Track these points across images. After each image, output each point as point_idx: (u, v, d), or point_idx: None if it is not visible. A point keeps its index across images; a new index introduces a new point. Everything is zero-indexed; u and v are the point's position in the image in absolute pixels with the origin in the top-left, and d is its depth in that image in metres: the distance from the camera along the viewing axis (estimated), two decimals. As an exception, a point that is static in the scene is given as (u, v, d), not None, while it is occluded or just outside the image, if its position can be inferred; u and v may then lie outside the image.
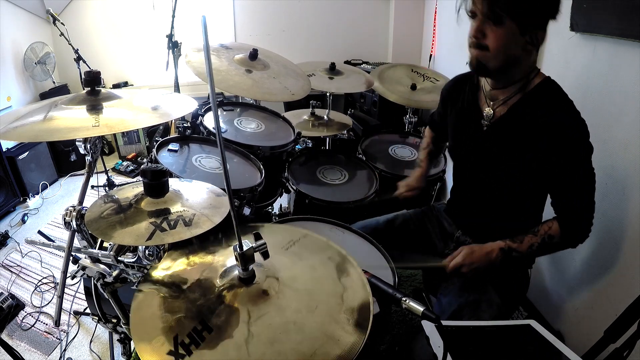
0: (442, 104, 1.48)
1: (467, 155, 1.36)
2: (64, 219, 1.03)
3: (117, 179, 3.36)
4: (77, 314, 2.04)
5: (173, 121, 2.09)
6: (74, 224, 1.03)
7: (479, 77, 1.30)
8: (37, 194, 3.19)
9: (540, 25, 1.08)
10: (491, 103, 1.25)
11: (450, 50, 3.07)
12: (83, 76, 1.05)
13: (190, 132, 1.68)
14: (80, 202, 1.06)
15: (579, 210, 1.16)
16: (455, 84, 1.41)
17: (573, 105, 1.12)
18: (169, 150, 1.52)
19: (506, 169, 1.23)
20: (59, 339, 1.92)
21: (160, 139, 1.54)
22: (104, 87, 1.07)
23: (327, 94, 2.32)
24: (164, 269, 0.92)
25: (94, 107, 1.02)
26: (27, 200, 3.06)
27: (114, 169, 3.63)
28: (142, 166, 1.05)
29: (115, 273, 1.04)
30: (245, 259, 0.78)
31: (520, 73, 1.16)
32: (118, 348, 1.53)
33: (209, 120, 1.71)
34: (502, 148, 1.23)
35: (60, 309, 1.16)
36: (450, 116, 1.41)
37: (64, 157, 3.53)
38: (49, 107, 1.02)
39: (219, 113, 1.91)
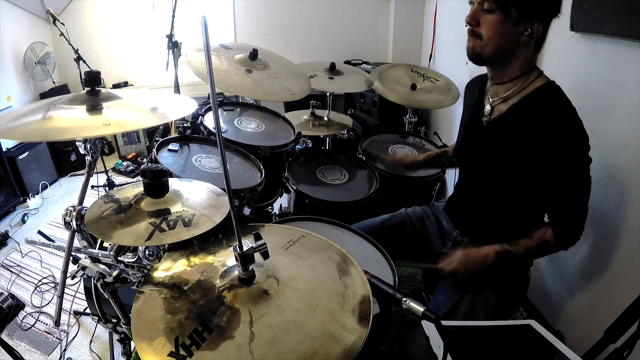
0: (464, 105, 1.48)
1: (468, 152, 1.37)
2: (64, 219, 1.03)
3: (117, 179, 3.36)
4: (77, 314, 2.04)
5: (173, 121, 2.10)
6: (74, 224, 1.03)
7: (486, 72, 1.31)
8: (37, 194, 3.18)
9: (533, 15, 1.07)
10: (491, 100, 1.26)
11: (450, 50, 3.07)
12: (83, 76, 1.04)
13: (190, 132, 1.68)
14: (80, 202, 1.06)
15: (571, 219, 1.17)
16: (472, 83, 1.42)
17: (576, 113, 1.10)
18: (169, 150, 1.52)
19: (503, 168, 1.24)
20: (59, 339, 1.92)
21: (160, 139, 1.54)
22: (104, 87, 1.06)
23: (327, 94, 2.32)
24: (165, 269, 0.92)
25: (94, 107, 1.01)
26: (27, 200, 3.06)
27: (114, 169, 3.63)
28: (142, 166, 1.05)
29: (115, 273, 1.04)
30: (245, 259, 0.78)
31: (519, 68, 1.16)
32: (118, 348, 1.53)
33: (209, 120, 1.71)
34: (499, 146, 1.23)
35: (60, 309, 1.16)
36: (463, 115, 1.43)
37: (64, 157, 3.53)
38: (48, 106, 1.02)
39: (219, 113, 1.91)
